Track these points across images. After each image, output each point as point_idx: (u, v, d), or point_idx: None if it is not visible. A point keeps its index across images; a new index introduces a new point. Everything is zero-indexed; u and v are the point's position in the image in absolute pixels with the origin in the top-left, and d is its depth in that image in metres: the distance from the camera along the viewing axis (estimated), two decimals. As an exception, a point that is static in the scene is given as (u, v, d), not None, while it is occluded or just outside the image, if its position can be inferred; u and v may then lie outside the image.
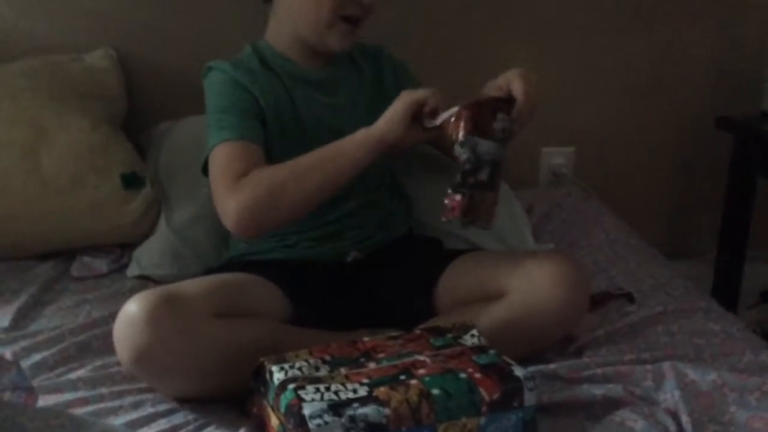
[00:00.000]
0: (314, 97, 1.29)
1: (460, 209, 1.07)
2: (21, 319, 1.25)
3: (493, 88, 1.14)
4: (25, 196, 1.38)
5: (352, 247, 1.29)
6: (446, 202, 1.08)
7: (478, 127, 1.08)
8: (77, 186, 1.40)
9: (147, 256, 1.42)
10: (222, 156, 1.17)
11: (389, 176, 1.40)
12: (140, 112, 1.66)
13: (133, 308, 1.00)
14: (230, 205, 1.13)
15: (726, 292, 1.81)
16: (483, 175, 1.08)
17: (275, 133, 1.24)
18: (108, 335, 1.18)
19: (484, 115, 1.09)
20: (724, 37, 1.89)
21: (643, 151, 1.95)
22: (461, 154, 1.08)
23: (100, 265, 1.42)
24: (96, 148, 1.43)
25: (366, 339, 1.04)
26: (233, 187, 1.12)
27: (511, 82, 1.12)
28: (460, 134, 1.08)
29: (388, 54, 1.41)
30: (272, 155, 1.21)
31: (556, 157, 1.91)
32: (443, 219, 1.09)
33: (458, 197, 1.07)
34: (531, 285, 1.09)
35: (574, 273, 1.10)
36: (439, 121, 1.13)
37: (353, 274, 1.28)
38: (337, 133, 1.20)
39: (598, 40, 1.83)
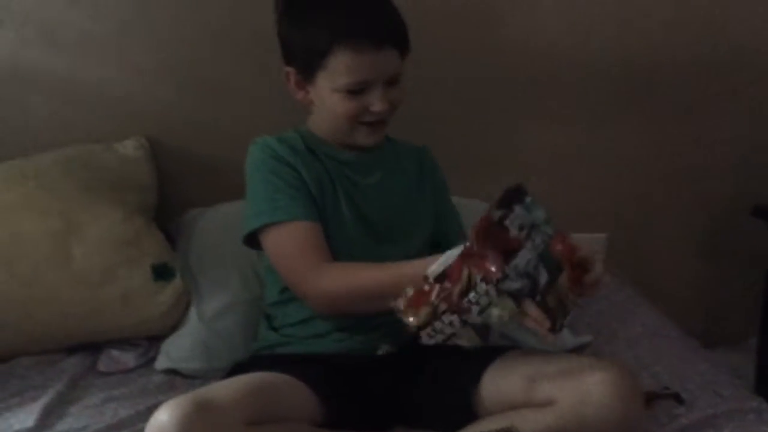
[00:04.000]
0: (348, 176, 1.29)
1: (551, 326, 0.97)
2: (47, 418, 1.22)
3: None
4: (54, 288, 1.36)
5: (384, 340, 1.26)
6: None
7: (503, 252, 0.95)
8: (107, 278, 1.38)
9: (176, 349, 1.40)
10: (292, 238, 1.20)
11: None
12: (169, 200, 1.66)
13: (164, 418, 0.96)
14: (309, 291, 1.18)
15: (770, 386, 1.74)
16: (542, 278, 0.98)
17: (319, 209, 1.25)
18: (135, 437, 1.15)
19: (496, 233, 0.97)
20: (759, 125, 1.88)
21: (676, 237, 1.92)
22: (511, 286, 0.95)
23: (128, 359, 1.39)
24: (127, 240, 1.42)
25: (408, 447, 0.99)
26: (313, 273, 1.17)
27: None
28: (495, 276, 0.94)
29: (431, 158, 1.41)
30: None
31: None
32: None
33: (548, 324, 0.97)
34: (584, 396, 1.04)
35: (629, 384, 1.06)
36: (438, 270, 0.98)
37: (385, 369, 1.24)
38: (365, 215, 1.25)
39: (630, 127, 1.83)
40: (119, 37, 1.61)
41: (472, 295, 0.95)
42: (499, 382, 1.15)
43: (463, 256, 0.96)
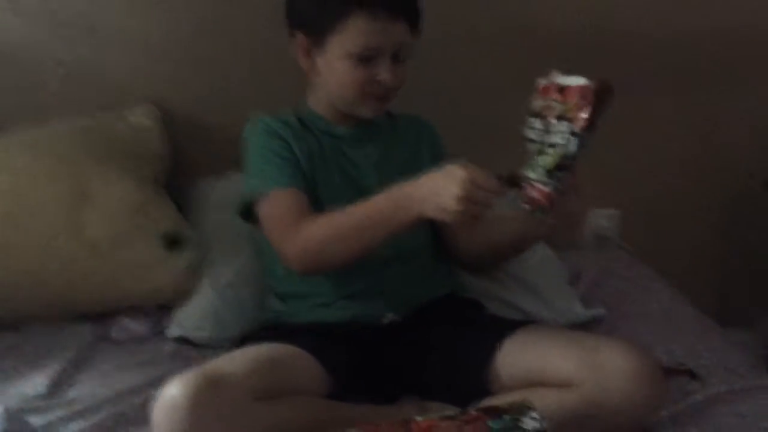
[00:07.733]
0: (343, 151, 1.31)
1: (550, 201, 1.01)
2: (58, 385, 1.22)
3: None
4: (65, 256, 1.36)
5: (389, 308, 1.26)
6: (533, 194, 1.03)
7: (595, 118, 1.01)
8: (119, 246, 1.37)
9: (188, 317, 1.39)
10: (276, 204, 1.24)
11: (429, 234, 1.36)
12: (179, 170, 1.65)
13: (174, 392, 0.96)
14: (289, 250, 1.21)
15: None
16: (571, 173, 1.03)
17: (309, 181, 1.27)
18: (145, 405, 1.14)
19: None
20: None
21: (691, 215, 1.90)
22: (570, 142, 1.01)
23: (139, 327, 1.39)
24: (139, 208, 1.41)
25: (419, 419, 0.98)
26: (292, 233, 1.19)
27: None
28: (582, 121, 1.00)
29: (430, 127, 1.43)
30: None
31: (601, 219, 1.86)
32: (524, 207, 1.04)
33: (548, 189, 1.01)
34: (606, 380, 1.04)
35: (650, 368, 1.05)
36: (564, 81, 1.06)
37: (392, 339, 1.24)
38: (362, 188, 1.24)
39: (644, 103, 1.80)
40: (132, 5, 1.59)
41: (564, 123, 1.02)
42: (512, 360, 1.15)
43: (582, 91, 1.02)
